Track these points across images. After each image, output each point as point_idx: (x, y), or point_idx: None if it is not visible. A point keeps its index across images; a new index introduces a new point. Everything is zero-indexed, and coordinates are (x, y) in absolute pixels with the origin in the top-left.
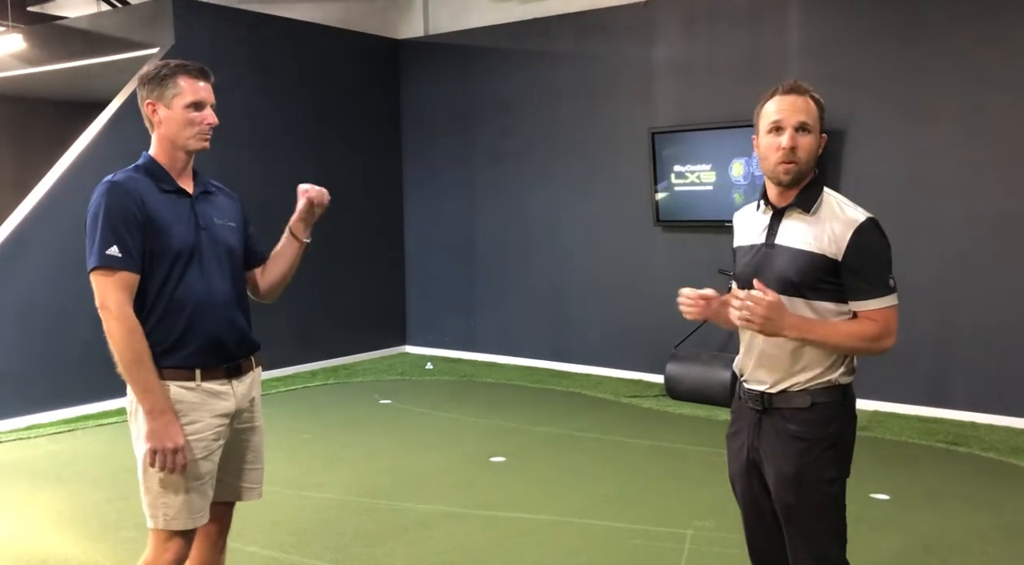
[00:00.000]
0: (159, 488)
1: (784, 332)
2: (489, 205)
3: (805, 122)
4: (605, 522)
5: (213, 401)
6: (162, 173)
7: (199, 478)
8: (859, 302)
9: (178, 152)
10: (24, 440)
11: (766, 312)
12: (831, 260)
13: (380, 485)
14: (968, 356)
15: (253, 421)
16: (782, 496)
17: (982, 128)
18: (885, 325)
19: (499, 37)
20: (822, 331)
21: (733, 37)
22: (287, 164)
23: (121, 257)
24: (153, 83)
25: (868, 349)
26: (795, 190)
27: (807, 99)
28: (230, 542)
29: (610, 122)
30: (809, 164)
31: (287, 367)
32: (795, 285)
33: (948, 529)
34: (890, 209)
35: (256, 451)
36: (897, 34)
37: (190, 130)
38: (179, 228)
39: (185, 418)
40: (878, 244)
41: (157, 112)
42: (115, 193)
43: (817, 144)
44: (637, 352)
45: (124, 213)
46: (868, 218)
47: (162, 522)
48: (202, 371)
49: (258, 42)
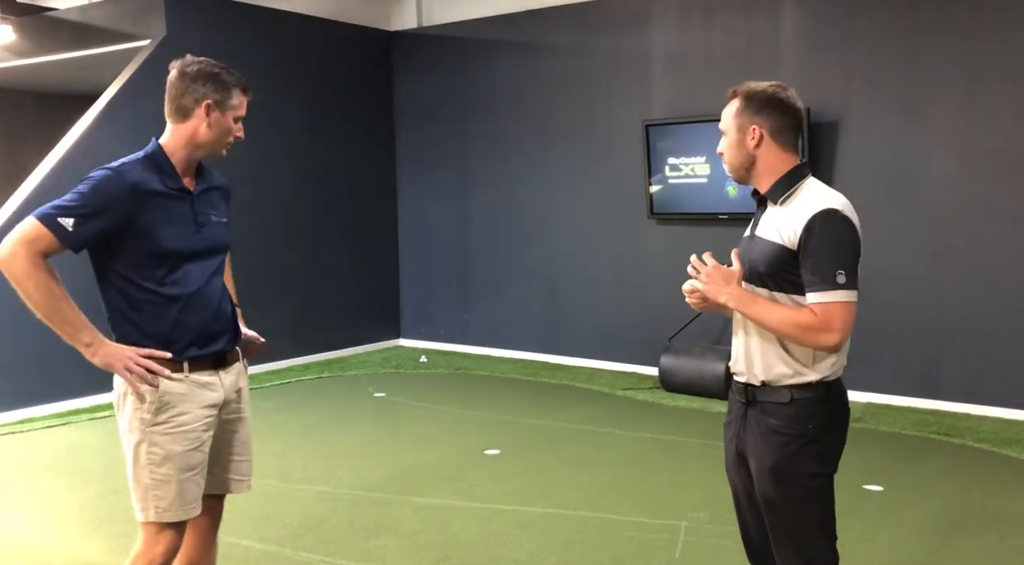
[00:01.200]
0: (150, 480)
1: (720, 298)
2: (483, 198)
3: (721, 129)
4: (600, 514)
5: (202, 392)
6: (169, 167)
7: (191, 469)
8: (809, 294)
9: (199, 152)
10: (17, 434)
11: (711, 271)
12: (790, 251)
13: (374, 478)
14: (961, 347)
15: (240, 412)
16: (762, 489)
17: (976, 119)
18: (823, 319)
19: (493, 29)
20: (759, 308)
21: (728, 29)
22: (280, 157)
23: (71, 231)
24: (218, 86)
25: (802, 339)
26: (768, 181)
27: (731, 102)
28: (223, 536)
29: (604, 114)
30: (734, 161)
31: (281, 360)
32: (761, 275)
33: (941, 520)
34: (882, 200)
35: (244, 443)
36: (891, 24)
37: (226, 140)
38: (172, 229)
39: (174, 409)
40: (829, 234)
41: (211, 114)
42: (113, 184)
43: (734, 142)
44: (631, 345)
45: (107, 203)
46: (826, 208)
47: (153, 515)
48: (190, 362)
49: (249, 34)
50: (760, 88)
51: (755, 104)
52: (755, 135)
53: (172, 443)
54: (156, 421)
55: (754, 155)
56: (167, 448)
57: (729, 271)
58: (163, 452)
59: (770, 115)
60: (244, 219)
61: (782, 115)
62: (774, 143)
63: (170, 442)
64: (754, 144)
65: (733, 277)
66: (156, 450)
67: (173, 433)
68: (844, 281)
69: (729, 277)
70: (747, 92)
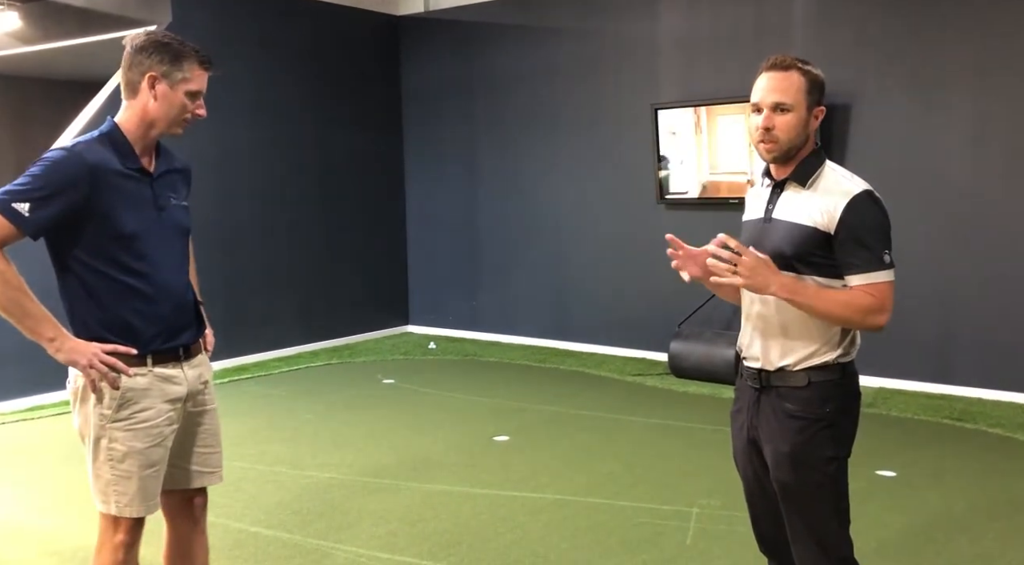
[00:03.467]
0: (110, 475)
1: (771, 288)
2: (491, 183)
3: (781, 102)
4: (610, 501)
5: (165, 386)
6: (126, 147)
7: (152, 465)
8: (853, 276)
9: (153, 131)
10: (27, 421)
11: (754, 263)
12: (824, 233)
13: (384, 464)
14: (974, 332)
15: (206, 404)
16: (778, 474)
17: (989, 102)
18: (880, 300)
19: (500, 13)
20: (812, 293)
21: (737, 11)
22: (286, 143)
23: (27, 217)
24: (164, 57)
25: (860, 322)
26: (792, 164)
27: (791, 74)
28: (233, 522)
29: (613, 98)
30: (793, 141)
31: (290, 347)
32: (787, 259)
33: (954, 506)
34: (895, 183)
35: (213, 434)
36: (904, 6)
37: (179, 116)
38: (133, 212)
39: (136, 405)
40: (872, 217)
41: (156, 87)
42: (70, 164)
43: (802, 120)
44: (641, 330)
45: (63, 184)
46: (863, 190)
47: (115, 509)
48: (154, 356)
49: (256, 19)
50: (816, 67)
51: (819, 84)
52: (821, 116)
53: (133, 439)
54: (117, 417)
55: (809, 136)
56: (128, 444)
57: (763, 258)
58: (124, 449)
59: (822, 97)
60: (252, 206)
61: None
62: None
63: (131, 438)
64: (816, 125)
65: (771, 263)
66: (117, 446)
67: (135, 429)
68: (889, 261)
69: (768, 263)
70: (808, 69)
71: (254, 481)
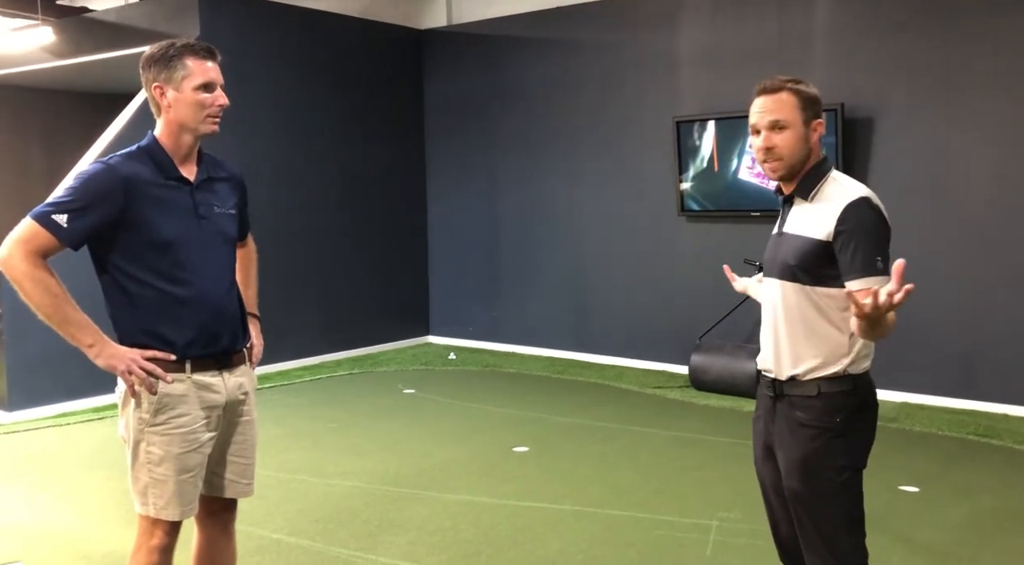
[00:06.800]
0: (148, 479)
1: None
2: (512, 195)
3: (776, 120)
4: (629, 513)
5: (203, 393)
6: (165, 158)
7: (188, 470)
8: (852, 281)
9: (185, 135)
10: (57, 427)
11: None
12: (824, 243)
13: (404, 474)
14: (999, 346)
15: (246, 415)
16: (789, 482)
17: (1015, 113)
18: None
19: (522, 26)
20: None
21: (759, 24)
22: (310, 154)
23: (66, 227)
24: (160, 65)
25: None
26: (797, 179)
27: (781, 95)
28: (255, 529)
29: (635, 111)
30: (795, 156)
31: (313, 356)
32: (792, 269)
33: (980, 522)
34: (920, 195)
35: (250, 446)
36: (927, 15)
37: (201, 113)
38: (171, 220)
39: (173, 411)
40: (867, 221)
41: (165, 95)
42: (105, 177)
43: (800, 135)
44: (661, 343)
45: (99, 196)
46: (860, 196)
47: (152, 511)
48: (193, 362)
49: (282, 33)
50: (807, 85)
51: (812, 99)
52: (820, 129)
53: (169, 444)
54: (154, 422)
55: (811, 150)
56: (164, 449)
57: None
58: (160, 453)
59: (820, 111)
60: (276, 217)
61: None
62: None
63: (167, 443)
64: (816, 138)
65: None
66: (154, 450)
67: (171, 434)
68: (882, 267)
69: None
70: (798, 87)
71: (276, 488)
